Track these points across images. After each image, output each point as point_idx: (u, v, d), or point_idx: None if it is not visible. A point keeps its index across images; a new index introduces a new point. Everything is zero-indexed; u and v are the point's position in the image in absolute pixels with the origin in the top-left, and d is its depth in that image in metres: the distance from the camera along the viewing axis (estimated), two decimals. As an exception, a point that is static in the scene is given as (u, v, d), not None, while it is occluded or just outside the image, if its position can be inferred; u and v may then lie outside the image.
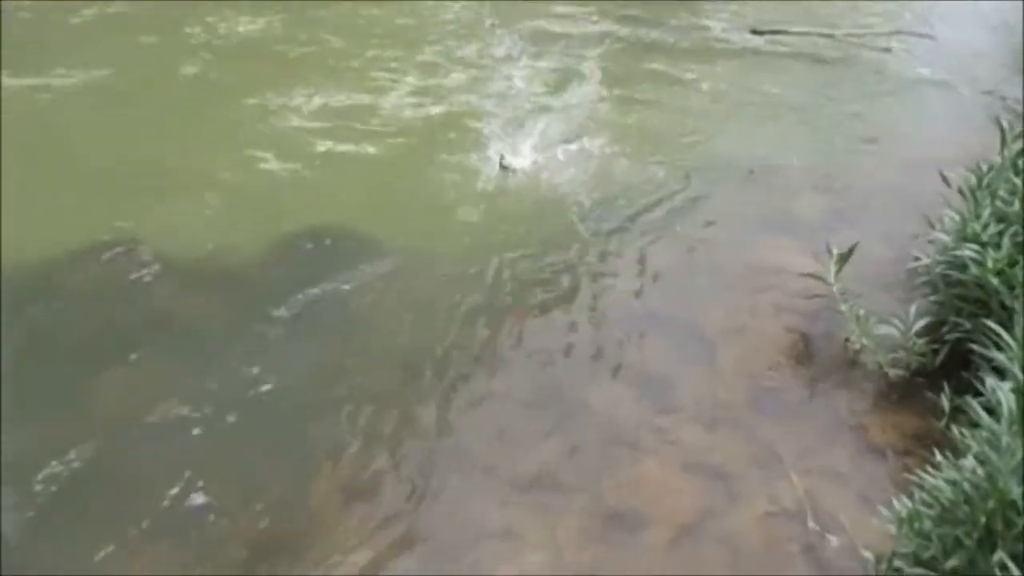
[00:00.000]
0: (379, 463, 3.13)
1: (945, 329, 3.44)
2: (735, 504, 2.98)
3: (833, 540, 2.78)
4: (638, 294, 4.08)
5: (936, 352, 3.43)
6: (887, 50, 6.97)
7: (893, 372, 3.46)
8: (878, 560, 2.33)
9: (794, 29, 7.11)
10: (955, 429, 2.72)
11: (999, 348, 2.93)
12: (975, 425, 2.65)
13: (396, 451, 3.18)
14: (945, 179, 3.86)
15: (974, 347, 3.16)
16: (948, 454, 2.59)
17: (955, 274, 3.44)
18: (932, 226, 3.85)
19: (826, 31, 7.14)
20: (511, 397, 3.45)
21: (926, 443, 2.98)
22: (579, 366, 3.62)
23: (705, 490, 3.03)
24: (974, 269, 3.30)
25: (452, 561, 2.77)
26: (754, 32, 7.12)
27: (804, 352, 3.67)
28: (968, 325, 3.30)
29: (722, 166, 5.17)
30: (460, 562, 2.76)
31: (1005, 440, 2.37)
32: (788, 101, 6.12)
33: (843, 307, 3.61)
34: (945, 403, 3.10)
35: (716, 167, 5.15)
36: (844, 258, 3.68)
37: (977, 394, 2.79)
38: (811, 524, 2.84)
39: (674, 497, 2.99)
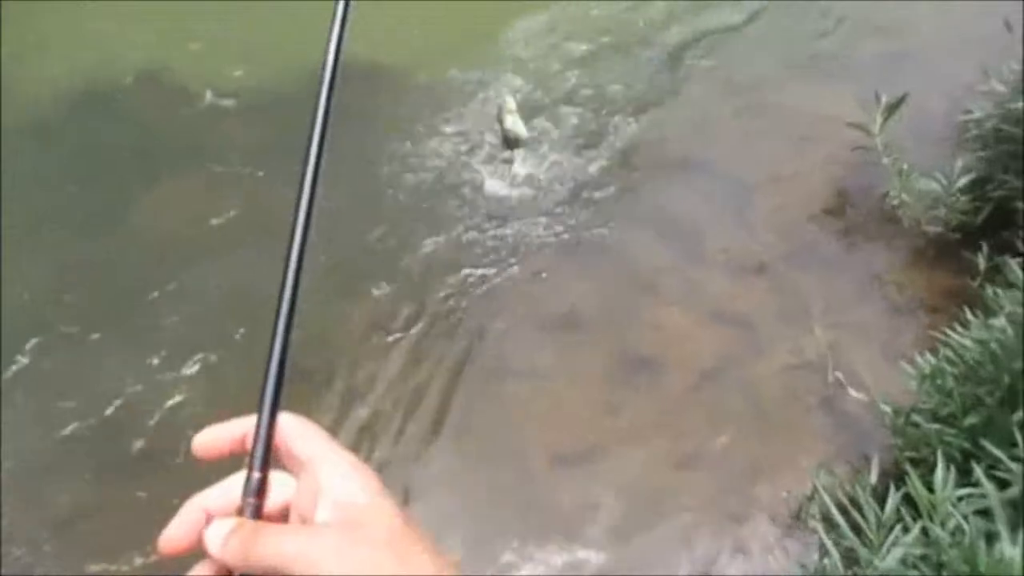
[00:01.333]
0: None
1: (991, 187, 3.32)
2: (758, 354, 3.00)
3: (853, 393, 2.80)
4: (672, 135, 3.96)
5: (979, 210, 3.33)
6: None
7: (931, 228, 3.37)
8: (896, 414, 2.34)
9: None
10: (990, 289, 2.68)
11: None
12: (1011, 285, 2.61)
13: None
14: (1008, 26, 3.61)
15: (1020, 206, 3.06)
16: (979, 313, 2.56)
17: (1008, 128, 3.28)
18: (990, 77, 3.64)
19: None
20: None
21: (958, 302, 2.93)
22: (604, 206, 3.58)
23: (729, 339, 3.04)
24: (1030, 124, 3.14)
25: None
26: None
27: (842, 205, 3.58)
28: (1016, 183, 3.18)
29: None
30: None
31: (1039, 301, 2.33)
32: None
33: (885, 160, 3.48)
34: (982, 262, 3.03)
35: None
36: (892, 109, 3.51)
37: (1017, 254, 2.72)
38: (832, 376, 2.86)
39: (697, 344, 3.01)
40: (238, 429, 0.53)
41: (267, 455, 0.51)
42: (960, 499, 2.01)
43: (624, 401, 2.82)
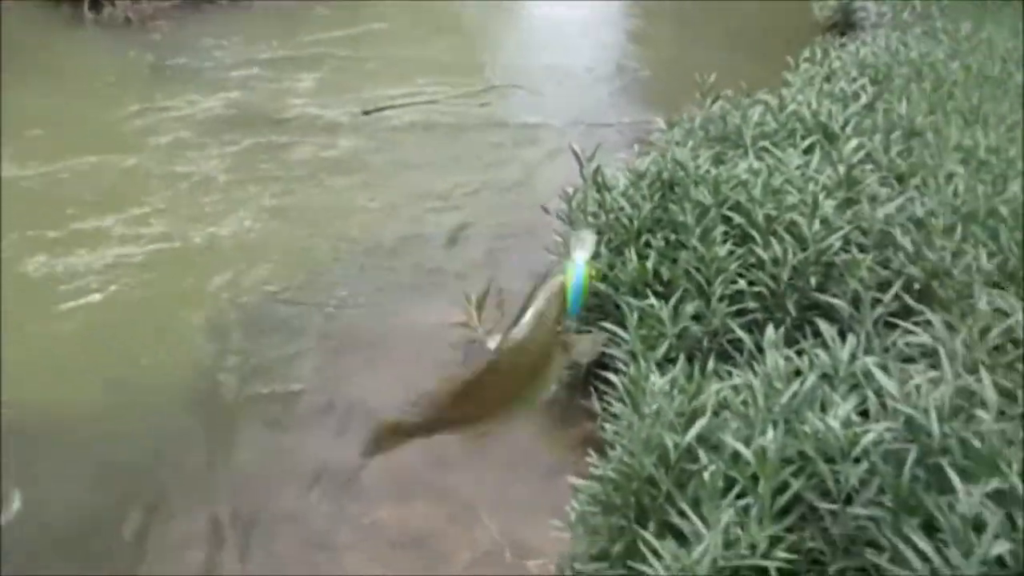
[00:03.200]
0: None
1: (581, 340, 3.79)
2: (439, 567, 3.03)
3: (531, 565, 2.92)
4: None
5: (581, 365, 3.76)
6: (486, 104, 7.61)
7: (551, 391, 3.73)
8: (559, 568, 2.49)
9: (399, 102, 7.54)
10: (606, 427, 3.00)
11: (619, 345, 3.28)
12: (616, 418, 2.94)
13: None
14: (546, 209, 4.28)
15: (605, 351, 3.51)
16: (606, 449, 2.84)
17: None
18: (550, 253, 4.24)
19: (428, 99, 7.65)
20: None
21: (589, 448, 3.24)
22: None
23: (409, 562, 3.05)
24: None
25: None
26: (365, 113, 7.43)
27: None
28: (595, 332, 3.66)
29: (365, 240, 5.31)
30: None
31: (635, 422, 2.65)
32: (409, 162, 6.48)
33: (491, 346, 3.83)
34: (595, 407, 3.40)
35: (359, 242, 5.28)
36: (481, 302, 3.93)
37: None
38: (508, 557, 2.97)
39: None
40: None
41: None
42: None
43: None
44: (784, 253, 3.25)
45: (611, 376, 2.98)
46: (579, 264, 2.12)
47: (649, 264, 3.49)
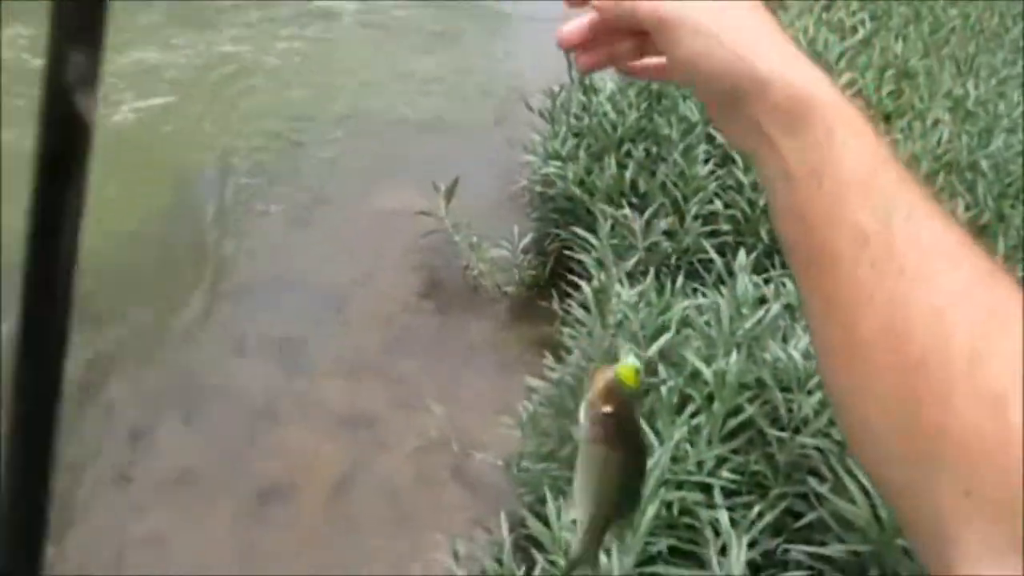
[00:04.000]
0: None
1: (548, 242, 3.75)
2: (385, 448, 3.04)
3: (477, 456, 2.94)
4: (262, 261, 3.96)
5: (544, 264, 3.74)
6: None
7: (510, 290, 3.72)
8: (507, 465, 2.50)
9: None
10: (565, 331, 2.99)
11: (588, 251, 3.25)
12: (579, 323, 2.93)
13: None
14: (528, 106, 4.17)
15: (571, 254, 3.48)
16: (561, 354, 2.84)
17: (547, 190, 3.74)
18: (524, 150, 4.15)
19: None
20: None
21: (544, 349, 3.24)
22: (211, 349, 3.46)
23: (354, 442, 3.06)
24: (559, 183, 3.61)
25: None
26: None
27: (430, 287, 3.82)
28: (564, 235, 3.62)
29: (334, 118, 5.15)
30: None
31: (596, 331, 2.64)
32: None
33: (457, 237, 3.78)
34: (556, 309, 3.38)
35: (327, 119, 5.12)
36: (450, 192, 3.84)
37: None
38: (455, 448, 2.99)
39: (323, 458, 2.98)
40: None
41: None
42: (573, 522, 2.19)
43: (259, 537, 2.69)
44: (764, 179, 3.21)
45: (577, 280, 2.95)
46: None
47: (628, 174, 3.43)
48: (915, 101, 3.88)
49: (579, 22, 0.61)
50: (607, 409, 0.68)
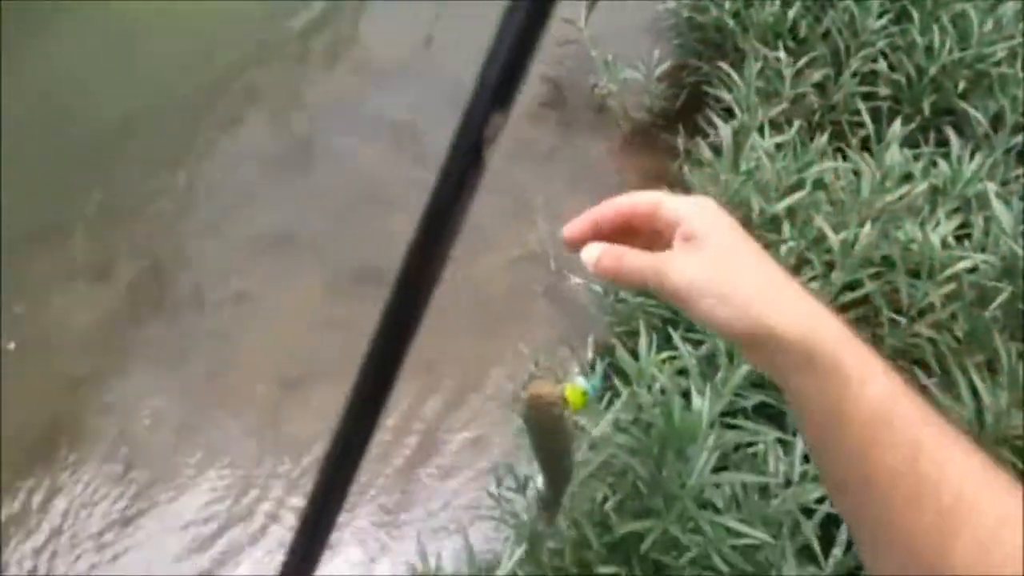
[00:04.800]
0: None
1: (686, 73, 3.54)
2: (485, 251, 3.04)
3: (572, 279, 2.93)
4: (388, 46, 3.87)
5: (676, 96, 3.55)
6: None
7: (637, 116, 3.56)
8: (605, 293, 2.48)
9: None
10: (687, 169, 2.87)
11: (730, 90, 3.05)
12: (703, 164, 2.80)
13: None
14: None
15: (710, 91, 3.27)
16: (679, 192, 2.74)
17: (697, 17, 3.49)
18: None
19: None
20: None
21: (662, 183, 3.12)
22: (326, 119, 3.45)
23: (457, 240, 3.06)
24: (713, 10, 3.35)
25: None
26: None
27: (555, 99, 3.68)
28: (706, 68, 3.40)
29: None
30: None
31: (723, 177, 2.52)
32: None
33: (593, 52, 3.60)
34: (680, 145, 3.24)
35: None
36: (593, 2, 3.62)
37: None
38: (553, 266, 2.97)
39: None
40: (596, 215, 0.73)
41: None
42: (663, 362, 2.17)
43: (352, 314, 2.78)
44: (941, 46, 2.91)
45: (713, 118, 2.79)
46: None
47: (791, 13, 3.14)
48: None
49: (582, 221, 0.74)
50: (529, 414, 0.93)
